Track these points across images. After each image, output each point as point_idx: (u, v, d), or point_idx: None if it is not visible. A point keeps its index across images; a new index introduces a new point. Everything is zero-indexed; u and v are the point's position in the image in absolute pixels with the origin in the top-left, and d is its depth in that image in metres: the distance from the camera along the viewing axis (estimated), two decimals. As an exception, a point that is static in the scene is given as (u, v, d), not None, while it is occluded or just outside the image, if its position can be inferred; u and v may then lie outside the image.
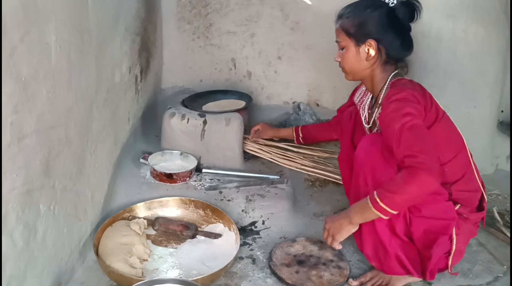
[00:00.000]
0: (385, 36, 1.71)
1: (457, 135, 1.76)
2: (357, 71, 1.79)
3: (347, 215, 1.66)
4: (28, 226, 1.41)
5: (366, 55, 1.74)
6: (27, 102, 1.32)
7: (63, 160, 1.59)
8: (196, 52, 2.99)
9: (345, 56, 1.78)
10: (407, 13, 1.70)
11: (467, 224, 1.72)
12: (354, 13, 1.74)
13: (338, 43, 1.79)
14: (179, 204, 2.13)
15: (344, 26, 1.75)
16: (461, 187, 1.70)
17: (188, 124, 2.41)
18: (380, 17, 1.70)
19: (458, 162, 1.70)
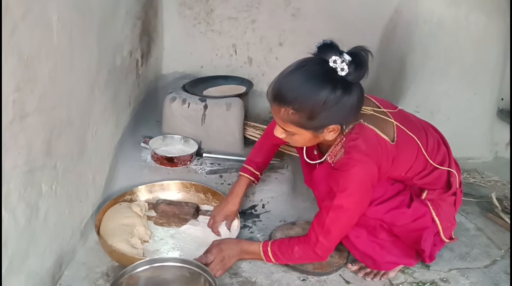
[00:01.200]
0: (347, 115, 1.45)
1: (412, 143, 1.60)
2: (310, 145, 1.59)
3: (240, 255, 1.70)
4: (30, 205, 1.42)
5: (329, 135, 1.49)
6: (29, 80, 1.33)
7: (65, 140, 1.60)
8: (197, 37, 2.99)
9: (296, 140, 1.52)
10: (361, 75, 1.40)
11: (444, 202, 1.69)
12: (303, 103, 1.38)
13: (284, 130, 1.49)
14: (180, 188, 2.14)
15: (293, 119, 1.42)
16: (423, 175, 1.65)
17: (189, 109, 2.41)
18: (338, 101, 1.38)
19: (418, 163, 1.64)
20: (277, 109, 1.44)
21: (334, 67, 1.36)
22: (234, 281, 1.69)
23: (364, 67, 1.38)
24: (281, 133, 1.51)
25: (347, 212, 1.53)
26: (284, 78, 1.42)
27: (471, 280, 1.76)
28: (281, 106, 1.41)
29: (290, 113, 1.41)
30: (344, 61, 1.35)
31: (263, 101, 3.00)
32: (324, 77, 1.37)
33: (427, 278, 1.75)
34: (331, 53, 1.37)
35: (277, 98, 1.42)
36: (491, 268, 1.83)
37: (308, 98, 1.37)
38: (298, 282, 1.71)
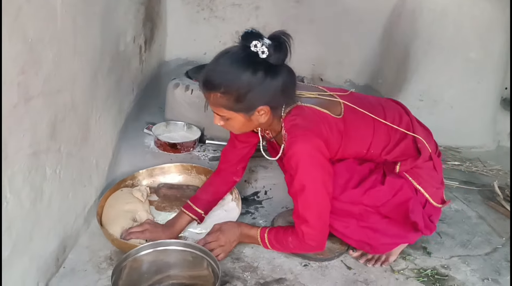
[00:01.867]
0: (274, 96, 1.48)
1: (365, 117, 1.63)
2: (250, 129, 1.62)
3: (240, 238, 1.72)
4: (35, 188, 1.43)
5: (261, 118, 1.52)
6: (33, 63, 1.33)
7: (69, 125, 1.61)
8: (200, 24, 2.98)
9: (232, 125, 1.55)
10: (281, 56, 1.45)
11: (423, 169, 1.67)
12: (228, 86, 1.44)
13: (219, 115, 1.53)
14: (181, 170, 2.14)
15: (222, 103, 1.47)
16: (390, 147, 1.66)
17: (192, 95, 2.41)
18: (261, 81, 1.43)
19: (378, 137, 1.65)
20: (207, 95, 1.50)
21: (255, 51, 1.42)
22: (236, 266, 1.70)
23: (283, 49, 1.44)
24: (218, 120, 1.56)
25: (311, 192, 1.53)
26: (209, 66, 1.50)
27: (472, 267, 1.77)
28: (210, 92, 1.48)
29: (218, 97, 1.47)
30: (264, 45, 1.41)
31: (266, 89, 3.01)
32: (246, 60, 1.43)
33: (428, 265, 1.77)
34: (252, 38, 1.43)
35: (205, 85, 1.49)
36: (492, 256, 1.84)
37: (232, 80, 1.44)
38: (300, 268, 1.72)
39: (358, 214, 1.64)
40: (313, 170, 1.52)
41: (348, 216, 1.65)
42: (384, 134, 1.65)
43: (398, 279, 1.70)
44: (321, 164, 1.53)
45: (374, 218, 1.65)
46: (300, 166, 1.50)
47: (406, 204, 1.63)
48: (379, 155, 1.66)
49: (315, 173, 1.53)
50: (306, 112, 1.57)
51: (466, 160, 2.53)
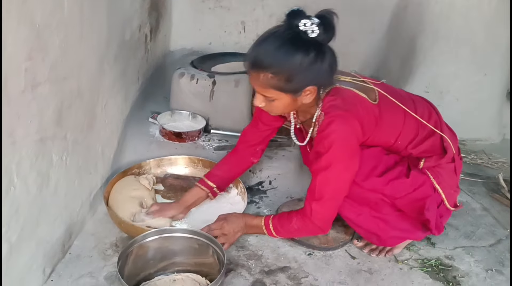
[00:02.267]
0: (322, 76, 1.48)
1: (395, 109, 1.63)
2: (291, 111, 1.62)
3: (244, 229, 1.72)
4: (41, 174, 1.43)
5: (306, 98, 1.52)
6: (40, 50, 1.33)
7: (75, 112, 1.61)
8: (205, 14, 2.97)
9: (276, 105, 1.53)
10: (330, 35, 1.43)
11: (443, 169, 1.69)
12: (280, 67, 1.42)
13: (264, 96, 1.51)
14: (188, 163, 2.15)
15: (272, 83, 1.45)
16: (417, 142, 1.67)
17: (197, 85, 2.41)
18: (313, 61, 1.42)
19: (408, 128, 1.65)
20: (256, 76, 1.47)
21: (304, 30, 1.40)
22: (241, 254, 1.71)
23: (332, 27, 1.43)
24: (260, 101, 1.53)
25: (335, 171, 1.53)
26: (258, 45, 1.46)
27: (475, 258, 1.78)
28: (260, 72, 1.45)
29: (269, 77, 1.44)
30: (314, 23, 1.40)
31: (271, 79, 3.01)
32: (296, 40, 1.41)
33: (432, 255, 1.77)
34: (300, 17, 1.41)
35: (255, 65, 1.46)
36: (496, 247, 1.85)
37: (284, 61, 1.42)
38: (304, 256, 1.73)
39: (374, 203, 1.65)
40: (344, 153, 1.52)
41: (363, 203, 1.65)
42: (413, 128, 1.66)
43: (402, 269, 1.70)
44: (352, 149, 1.53)
45: (388, 209, 1.66)
46: (333, 147, 1.50)
47: (423, 201, 1.64)
48: (405, 147, 1.66)
49: (345, 156, 1.53)
50: (345, 93, 1.56)
51: (471, 152, 2.52)
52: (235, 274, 1.62)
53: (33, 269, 1.45)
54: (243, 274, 1.63)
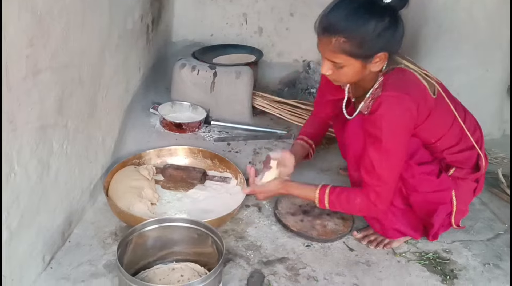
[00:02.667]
0: (394, 42, 1.49)
1: (448, 111, 1.64)
2: (357, 80, 1.58)
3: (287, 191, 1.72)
4: (42, 161, 1.44)
5: (375, 66, 1.51)
6: (42, 37, 1.33)
7: (76, 100, 1.61)
8: (207, 5, 2.95)
9: (345, 72, 1.51)
10: (404, 2, 1.45)
11: (466, 184, 1.71)
12: (355, 31, 1.42)
13: (333, 62, 1.50)
14: (188, 153, 2.15)
15: (344, 48, 1.44)
16: (455, 150, 1.67)
17: (198, 76, 2.41)
18: (387, 26, 1.43)
19: (451, 134, 1.66)
20: (327, 41, 1.46)
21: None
22: (240, 244, 1.72)
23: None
24: (328, 69, 1.52)
25: (395, 155, 1.53)
26: (332, 10, 1.46)
27: (473, 252, 1.78)
28: (332, 36, 1.44)
29: (341, 41, 1.43)
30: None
31: (273, 72, 3.00)
32: (371, 5, 1.43)
33: (430, 249, 1.78)
34: None
35: (328, 29, 1.45)
36: (493, 242, 1.85)
37: (359, 25, 1.42)
38: (303, 248, 1.74)
39: None
40: (401, 136, 1.52)
41: None
42: (456, 135, 1.66)
43: (400, 262, 1.71)
44: (408, 128, 1.53)
45: (399, 201, 1.67)
46: (391, 130, 1.49)
47: (437, 206, 1.66)
48: (442, 151, 1.66)
49: (402, 140, 1.53)
50: (408, 76, 1.55)
51: (471, 147, 2.52)
52: (234, 264, 1.63)
53: (32, 256, 1.46)
54: (242, 264, 1.64)
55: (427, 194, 1.64)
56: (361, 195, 1.59)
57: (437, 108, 1.59)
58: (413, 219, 1.72)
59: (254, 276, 1.59)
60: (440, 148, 1.66)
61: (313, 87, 2.88)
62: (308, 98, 2.82)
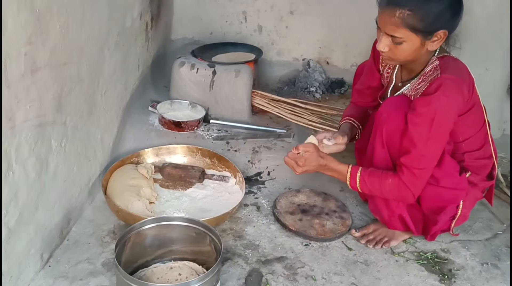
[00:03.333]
0: (454, 22, 1.52)
1: (481, 113, 1.68)
2: (412, 59, 1.58)
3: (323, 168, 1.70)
4: (40, 159, 1.44)
5: (433, 45, 1.52)
6: (41, 34, 1.33)
7: (75, 98, 1.61)
8: (207, 3, 2.95)
9: (403, 49, 1.51)
10: None
11: (475, 190, 1.72)
12: (420, 5, 1.44)
13: (393, 37, 1.50)
14: (186, 152, 2.15)
15: (407, 21, 1.45)
16: (475, 156, 1.69)
17: (197, 74, 2.40)
18: (451, 4, 1.47)
19: (478, 138, 1.68)
20: (391, 13, 1.47)
21: None
22: (238, 243, 1.72)
23: None
24: (385, 45, 1.53)
25: (441, 139, 1.54)
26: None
27: (471, 251, 1.78)
28: (397, 9, 1.45)
29: (406, 14, 1.45)
30: None
31: (272, 70, 3.00)
32: None
33: (428, 248, 1.78)
34: None
35: (393, 1, 1.47)
36: (492, 241, 1.85)
37: None
38: (301, 247, 1.74)
39: None
40: (450, 117, 1.53)
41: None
42: (481, 141, 1.69)
43: (398, 261, 1.71)
44: (456, 114, 1.54)
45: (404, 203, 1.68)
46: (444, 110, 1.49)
47: (446, 204, 1.67)
48: (463, 153, 1.67)
49: (451, 121, 1.53)
50: (463, 65, 1.60)
51: (470, 147, 2.52)
52: (232, 263, 1.63)
53: (31, 254, 1.45)
54: (240, 263, 1.63)
55: (444, 190, 1.64)
56: (393, 176, 1.59)
57: (475, 106, 1.62)
58: (416, 214, 1.72)
59: (252, 275, 1.59)
60: (464, 149, 1.67)
61: (313, 85, 2.88)
62: (307, 97, 2.82)
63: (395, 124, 1.59)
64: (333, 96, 2.89)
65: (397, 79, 1.74)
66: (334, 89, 2.91)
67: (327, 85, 2.93)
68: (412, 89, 1.62)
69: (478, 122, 1.67)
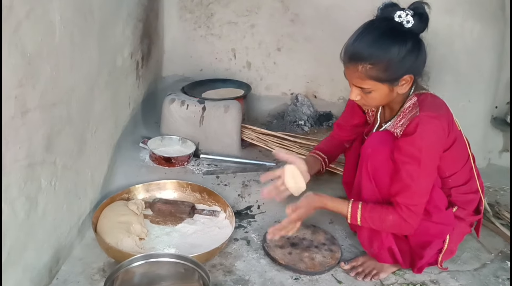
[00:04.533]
0: (419, 65, 1.57)
1: (465, 147, 1.72)
2: (385, 103, 1.65)
3: (322, 205, 1.73)
4: (30, 198, 1.45)
5: (402, 89, 1.58)
6: (31, 77, 1.37)
7: (65, 138, 1.64)
8: (197, 41, 3.03)
9: (373, 97, 1.58)
10: (424, 25, 1.53)
11: (461, 225, 1.75)
12: (379, 57, 1.50)
13: (361, 88, 1.57)
14: (177, 187, 2.17)
15: (371, 73, 1.52)
16: (462, 191, 1.73)
17: (187, 110, 2.45)
18: (410, 50, 1.51)
19: (463, 172, 1.72)
20: (354, 68, 1.54)
21: (400, 21, 1.50)
22: (228, 279, 1.72)
23: (426, 17, 1.52)
24: (356, 95, 1.60)
25: (430, 174, 1.59)
26: (356, 39, 1.54)
27: (460, 282, 1.79)
28: (358, 64, 1.52)
29: (368, 68, 1.51)
30: (409, 14, 1.50)
31: (261, 105, 3.06)
32: (393, 31, 1.51)
33: (417, 280, 1.78)
34: (394, 9, 1.52)
35: (354, 57, 1.53)
36: (480, 271, 1.86)
37: (383, 51, 1.50)
38: (291, 281, 1.74)
39: None
40: (436, 153, 1.57)
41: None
42: (467, 175, 1.73)
43: (388, 293, 1.72)
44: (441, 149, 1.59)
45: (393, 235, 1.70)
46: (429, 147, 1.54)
47: (433, 238, 1.69)
48: (450, 188, 1.70)
49: (437, 156, 1.58)
50: (440, 101, 1.65)
51: (457, 177, 2.55)
52: (222, 299, 1.63)
53: (19, 295, 1.45)
54: (230, 299, 1.63)
55: (431, 224, 1.66)
56: (394, 212, 1.61)
57: (458, 140, 1.66)
58: (403, 247, 1.74)
59: (242, 310, 1.58)
60: (451, 184, 1.70)
61: (301, 119, 2.93)
62: (296, 130, 2.87)
63: (380, 158, 1.64)
64: (321, 129, 2.94)
65: (381, 119, 1.80)
66: (322, 122, 2.96)
67: (315, 118, 2.98)
68: (394, 126, 1.67)
69: (462, 156, 1.71)
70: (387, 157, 1.62)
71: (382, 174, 1.65)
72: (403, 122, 1.62)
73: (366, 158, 1.68)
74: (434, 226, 1.67)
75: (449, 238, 1.71)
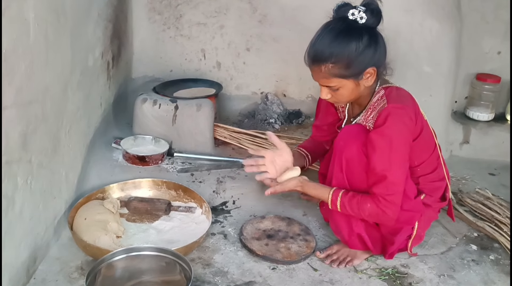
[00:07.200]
0: (379, 56, 1.65)
1: (432, 136, 1.81)
2: (355, 97, 1.73)
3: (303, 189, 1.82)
4: (7, 197, 1.44)
5: (367, 81, 1.67)
6: (6, 74, 1.37)
7: (40, 136, 1.64)
8: (166, 42, 3.05)
9: (342, 93, 1.67)
10: (377, 19, 1.63)
11: (429, 211, 1.84)
12: (339, 55, 1.58)
13: (329, 87, 1.66)
14: (152, 185, 2.18)
15: (334, 72, 1.61)
16: (430, 179, 1.82)
17: (159, 110, 2.47)
18: (367, 44, 1.60)
19: (431, 161, 1.81)
20: (318, 69, 1.63)
21: (354, 19, 1.59)
22: (207, 271, 1.75)
23: (378, 11, 1.63)
24: (326, 94, 1.69)
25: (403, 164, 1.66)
26: (315, 42, 1.64)
27: (429, 265, 1.89)
28: (321, 65, 1.61)
29: (330, 67, 1.60)
30: (361, 11, 1.59)
31: (232, 104, 3.10)
32: (349, 29, 1.60)
33: (389, 264, 1.87)
34: (347, 9, 1.61)
35: (315, 59, 1.63)
36: (447, 254, 1.97)
37: (342, 49, 1.59)
38: (269, 271, 1.79)
39: None
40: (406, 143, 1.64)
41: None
42: (434, 164, 1.81)
43: (362, 278, 1.79)
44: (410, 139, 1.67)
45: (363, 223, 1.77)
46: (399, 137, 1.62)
47: (402, 225, 1.77)
48: (418, 177, 1.78)
49: (407, 146, 1.65)
50: (406, 92, 1.74)
51: (422, 168, 2.68)
52: (202, 290, 1.66)
53: (-3, 294, 1.44)
54: (210, 290, 1.67)
55: (401, 212, 1.72)
56: (371, 201, 1.67)
57: (425, 130, 1.75)
58: (374, 234, 1.82)
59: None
60: (419, 173, 1.78)
61: (272, 117, 2.99)
62: (267, 128, 2.92)
63: (352, 151, 1.71)
64: (291, 127, 3.00)
65: (349, 114, 1.89)
66: (292, 120, 3.03)
67: (285, 116, 3.05)
68: (365, 120, 1.75)
69: (429, 145, 1.80)
70: (358, 150, 1.69)
71: (354, 166, 1.72)
72: (373, 115, 1.70)
73: (339, 151, 1.75)
74: (404, 213, 1.74)
75: (417, 224, 1.81)
